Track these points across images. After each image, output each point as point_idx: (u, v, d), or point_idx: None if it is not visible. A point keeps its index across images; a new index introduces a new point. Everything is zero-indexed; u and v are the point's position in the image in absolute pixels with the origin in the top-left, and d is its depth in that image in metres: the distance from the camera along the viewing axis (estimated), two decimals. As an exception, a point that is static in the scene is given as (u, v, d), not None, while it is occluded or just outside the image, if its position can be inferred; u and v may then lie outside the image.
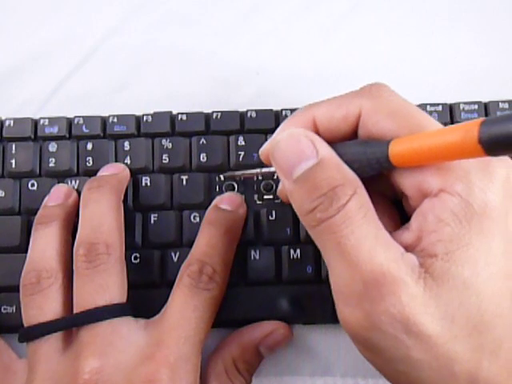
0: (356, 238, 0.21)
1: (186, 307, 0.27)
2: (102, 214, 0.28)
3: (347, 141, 0.24)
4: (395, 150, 0.22)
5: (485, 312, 0.20)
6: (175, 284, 0.28)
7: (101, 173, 0.31)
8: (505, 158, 0.22)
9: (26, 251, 0.29)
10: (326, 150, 0.23)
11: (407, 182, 0.23)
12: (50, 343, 0.27)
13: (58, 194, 0.31)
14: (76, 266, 0.27)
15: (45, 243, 0.29)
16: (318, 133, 0.24)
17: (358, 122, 0.24)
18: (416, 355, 0.21)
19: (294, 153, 0.23)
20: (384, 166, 0.23)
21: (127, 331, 0.26)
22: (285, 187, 0.24)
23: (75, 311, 0.27)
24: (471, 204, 0.21)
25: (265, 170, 0.30)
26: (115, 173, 0.31)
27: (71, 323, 0.27)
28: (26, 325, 0.27)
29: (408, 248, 0.22)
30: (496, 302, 0.21)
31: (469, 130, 0.19)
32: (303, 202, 0.22)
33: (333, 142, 0.24)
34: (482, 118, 0.19)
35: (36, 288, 0.27)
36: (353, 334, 0.22)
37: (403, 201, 0.25)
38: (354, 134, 0.24)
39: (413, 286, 0.20)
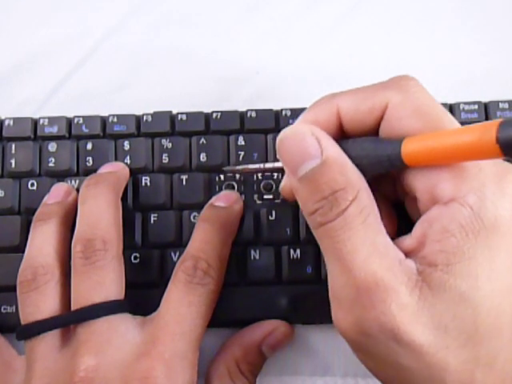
0: (352, 245, 0.21)
1: (181, 303, 0.27)
2: (99, 210, 0.28)
3: (359, 137, 0.23)
4: (409, 148, 0.21)
5: (480, 325, 0.20)
6: (170, 281, 0.28)
7: (100, 171, 0.31)
8: None
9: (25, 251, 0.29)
10: (332, 149, 0.22)
11: (420, 185, 0.22)
12: (47, 341, 0.27)
13: (58, 192, 0.31)
14: (73, 263, 0.27)
15: (42, 240, 0.29)
16: (341, 124, 0.24)
17: (383, 115, 0.23)
18: (406, 362, 0.21)
19: (298, 151, 0.22)
20: (395, 165, 0.22)
21: (124, 328, 0.26)
22: (291, 183, 0.23)
23: (73, 308, 0.27)
24: (481, 218, 0.20)
25: (268, 165, 0.29)
26: (114, 170, 0.31)
27: (67, 321, 0.27)
28: (22, 322, 0.27)
29: (409, 253, 0.21)
30: (494, 316, 0.20)
31: (487, 129, 0.18)
32: (307, 202, 0.22)
33: (356, 134, 0.23)
34: (501, 119, 0.18)
35: (32, 285, 0.27)
36: (345, 337, 0.22)
37: (406, 204, 0.25)
38: (378, 127, 0.24)
39: (406, 294, 0.20)
